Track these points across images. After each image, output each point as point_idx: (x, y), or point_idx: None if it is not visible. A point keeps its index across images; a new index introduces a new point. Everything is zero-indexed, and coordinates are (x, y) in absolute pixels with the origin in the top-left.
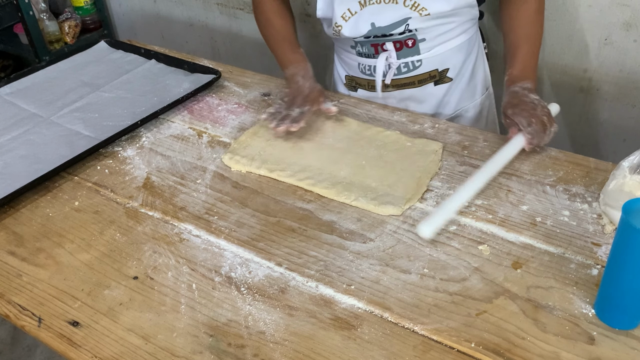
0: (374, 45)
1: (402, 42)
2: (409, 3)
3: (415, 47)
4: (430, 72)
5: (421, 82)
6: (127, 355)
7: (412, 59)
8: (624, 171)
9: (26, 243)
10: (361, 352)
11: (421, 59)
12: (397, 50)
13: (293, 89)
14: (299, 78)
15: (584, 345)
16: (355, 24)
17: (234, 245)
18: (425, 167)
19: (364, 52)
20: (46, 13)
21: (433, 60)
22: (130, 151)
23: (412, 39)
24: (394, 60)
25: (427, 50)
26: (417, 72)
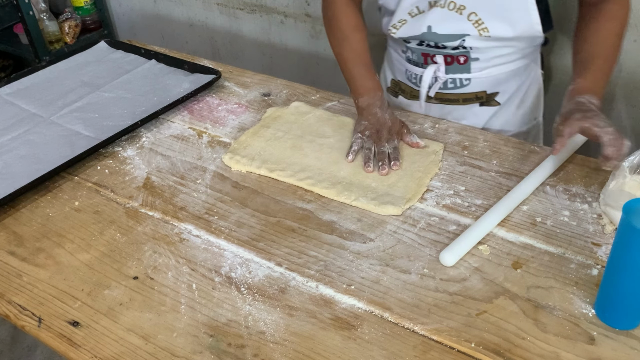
0: (424, 54)
1: (453, 57)
2: (472, 18)
3: (467, 65)
4: (477, 92)
5: (466, 101)
6: (127, 355)
7: (460, 76)
8: (624, 171)
9: (26, 243)
10: (361, 352)
11: (470, 78)
12: (447, 64)
13: (372, 121)
14: (377, 109)
15: (584, 345)
16: (415, 23)
17: (234, 245)
18: (425, 167)
19: (413, 60)
20: (46, 13)
21: (483, 82)
22: (130, 151)
23: (465, 56)
24: (442, 75)
25: (478, 70)
26: (463, 90)
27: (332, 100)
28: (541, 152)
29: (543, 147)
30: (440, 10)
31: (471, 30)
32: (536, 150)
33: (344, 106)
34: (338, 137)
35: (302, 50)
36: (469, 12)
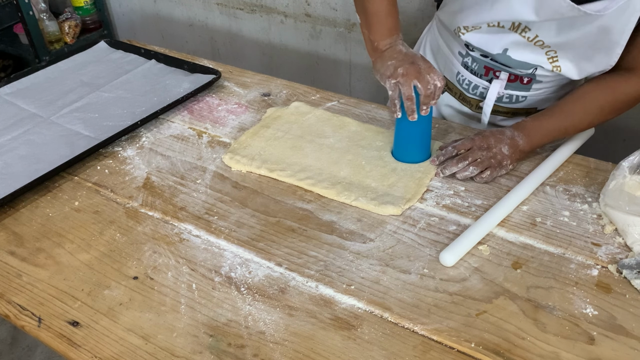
0: (487, 67)
1: (518, 76)
2: (550, 54)
3: (529, 85)
4: (528, 109)
5: (515, 114)
6: (127, 355)
7: (518, 94)
8: (624, 171)
9: (26, 243)
10: (361, 352)
11: (527, 96)
12: (510, 81)
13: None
14: (401, 47)
15: (583, 345)
16: (491, 39)
17: (234, 245)
18: (425, 167)
19: (472, 68)
20: (46, 13)
21: (537, 100)
22: (130, 151)
23: (530, 78)
24: (502, 90)
25: (536, 90)
26: (517, 105)
27: (332, 100)
28: (541, 152)
29: (543, 147)
30: (519, 38)
31: (546, 64)
32: (536, 150)
33: (344, 106)
34: (338, 137)
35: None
36: (549, 49)
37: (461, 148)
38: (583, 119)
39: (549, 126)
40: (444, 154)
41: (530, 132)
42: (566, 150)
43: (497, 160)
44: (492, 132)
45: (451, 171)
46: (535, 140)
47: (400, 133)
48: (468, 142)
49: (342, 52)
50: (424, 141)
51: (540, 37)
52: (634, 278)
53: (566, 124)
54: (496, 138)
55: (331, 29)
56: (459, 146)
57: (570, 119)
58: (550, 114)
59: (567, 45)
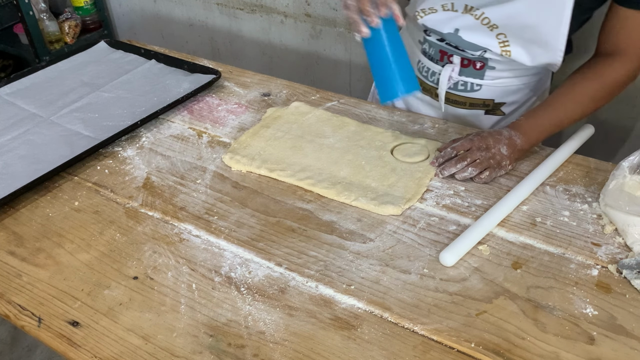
0: (442, 52)
1: (471, 61)
2: (501, 38)
3: (482, 71)
4: (485, 100)
5: (473, 106)
6: (127, 355)
7: (473, 81)
8: (624, 171)
9: (26, 243)
10: (361, 352)
11: (482, 85)
12: (463, 66)
13: None
14: None
15: (583, 345)
16: (446, 19)
17: (234, 245)
18: (425, 167)
19: (429, 54)
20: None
21: (493, 90)
22: (130, 151)
23: (482, 62)
24: (455, 75)
25: (491, 79)
26: (472, 94)
27: (332, 100)
28: (541, 152)
29: (543, 147)
30: (472, 19)
31: (495, 47)
32: (536, 150)
33: (344, 106)
34: (338, 137)
35: (302, 50)
36: (499, 32)
37: (460, 149)
38: (576, 110)
39: (544, 122)
40: (443, 155)
41: (527, 130)
42: (566, 150)
43: (496, 160)
44: (491, 133)
45: (450, 172)
46: (532, 138)
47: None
48: (467, 142)
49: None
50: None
51: (487, 14)
52: (634, 278)
53: (560, 117)
54: (495, 138)
55: (331, 29)
56: (458, 147)
57: (563, 112)
58: (543, 109)
59: (513, 27)
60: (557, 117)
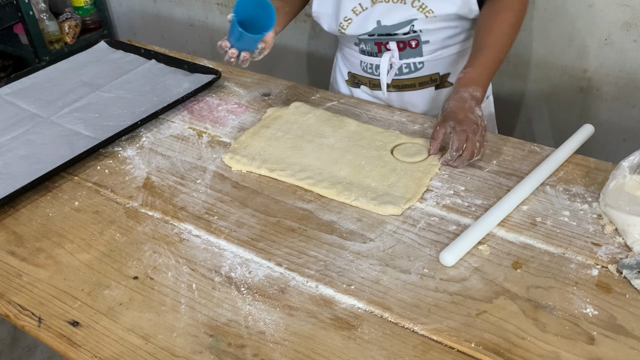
0: (377, 43)
1: (405, 42)
2: (416, 4)
3: (419, 48)
4: (431, 75)
5: (422, 84)
6: (127, 355)
7: (414, 61)
8: (624, 171)
9: (26, 243)
10: (361, 352)
11: (423, 61)
12: (401, 50)
13: None
14: None
15: (583, 345)
16: (363, 20)
17: (234, 245)
18: (425, 167)
19: (367, 50)
20: (46, 13)
21: (435, 64)
22: (130, 151)
23: (416, 40)
24: (397, 60)
25: (430, 53)
26: (418, 74)
27: (332, 100)
28: (541, 152)
29: (543, 147)
30: (385, 5)
31: (418, 14)
32: (536, 150)
33: (344, 106)
34: (338, 137)
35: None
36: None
37: (461, 146)
38: (503, 41)
39: (487, 64)
40: (451, 159)
41: (479, 80)
42: (566, 150)
43: (483, 126)
44: (460, 109)
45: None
46: (485, 84)
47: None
48: (462, 135)
49: None
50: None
51: None
52: (634, 278)
53: (496, 54)
54: (469, 110)
55: None
56: (458, 146)
57: (492, 48)
58: (476, 55)
59: None
60: (494, 55)
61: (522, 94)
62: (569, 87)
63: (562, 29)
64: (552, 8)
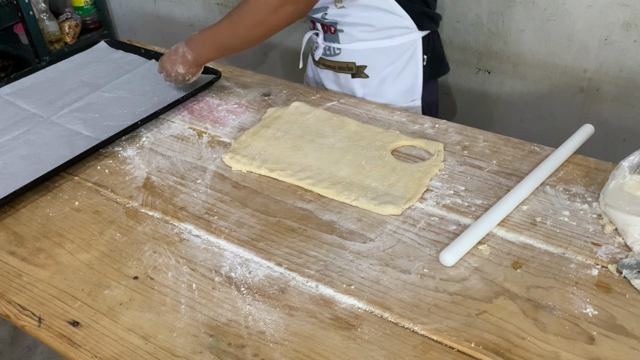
0: (312, 22)
1: (327, 26)
2: None
3: (335, 35)
4: (347, 62)
5: (340, 69)
6: (127, 355)
7: (333, 45)
8: (624, 171)
9: (26, 243)
10: (361, 352)
11: (340, 48)
12: (324, 32)
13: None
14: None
15: (583, 345)
16: None
17: (234, 245)
18: (425, 167)
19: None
20: (46, 13)
21: (351, 53)
22: (130, 151)
23: (333, 26)
24: (320, 41)
25: (346, 42)
26: (336, 58)
27: (332, 100)
28: (541, 152)
29: (543, 147)
30: None
31: (329, 2)
32: (536, 150)
33: (344, 106)
34: (338, 137)
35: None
36: None
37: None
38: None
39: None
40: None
41: (196, 47)
42: (566, 150)
43: (179, 80)
44: (168, 55)
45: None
46: (202, 55)
47: None
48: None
49: None
50: None
51: None
52: (634, 278)
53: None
54: (171, 60)
55: None
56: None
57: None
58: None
59: None
60: (221, 37)
61: (522, 94)
62: (569, 87)
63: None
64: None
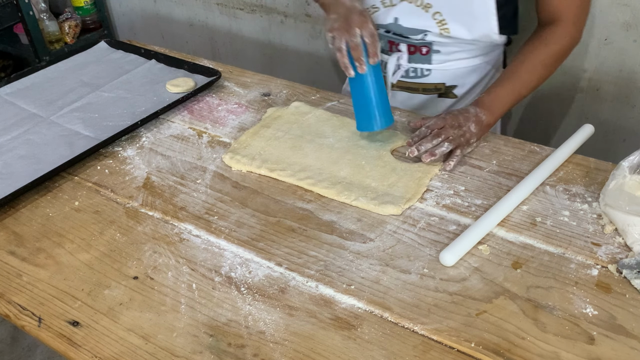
0: (390, 42)
1: (417, 47)
2: (437, 17)
3: (428, 56)
4: (437, 84)
5: (426, 91)
6: (127, 355)
7: (421, 66)
8: (624, 171)
9: (26, 243)
10: (361, 352)
11: (431, 69)
12: (411, 53)
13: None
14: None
15: (583, 345)
16: (386, 13)
17: (234, 245)
18: (425, 167)
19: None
20: (46, 13)
21: (443, 74)
22: (130, 151)
23: (427, 47)
24: (404, 63)
25: (438, 62)
26: (424, 80)
27: (332, 100)
28: (541, 152)
29: (543, 147)
30: (408, 5)
31: (434, 28)
32: (536, 150)
33: (344, 106)
34: (338, 137)
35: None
36: (434, 11)
37: (434, 127)
38: (531, 78)
39: (503, 94)
40: (418, 134)
41: (490, 105)
42: (566, 150)
43: (466, 138)
44: (460, 112)
45: (426, 148)
46: (496, 112)
47: (354, 98)
48: (440, 121)
49: None
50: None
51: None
52: (634, 278)
53: (517, 87)
54: (464, 117)
55: None
56: (432, 126)
57: (520, 81)
58: (500, 83)
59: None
60: (515, 88)
61: None
62: (569, 87)
63: None
64: None
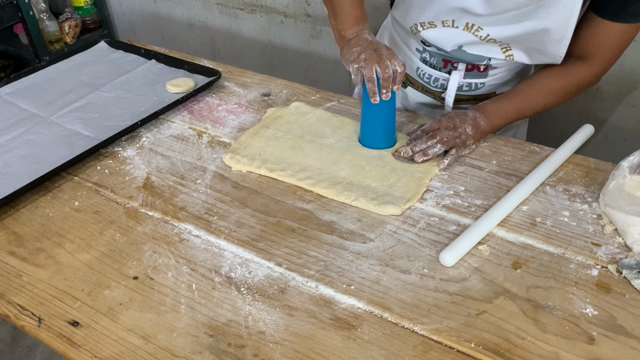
0: (445, 60)
1: (475, 65)
2: (503, 46)
3: (485, 72)
4: (488, 94)
5: (477, 100)
6: (127, 355)
7: (477, 81)
8: (624, 171)
9: (26, 243)
10: (361, 352)
11: (484, 82)
12: (467, 70)
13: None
14: (366, 36)
15: (583, 345)
16: (445, 36)
17: (234, 245)
18: (425, 168)
19: (430, 62)
20: (46, 13)
21: (496, 85)
22: (130, 151)
23: (487, 66)
24: (461, 80)
25: (493, 76)
26: (476, 92)
27: (332, 100)
28: (541, 152)
29: (543, 147)
30: (474, 37)
31: (498, 55)
32: (536, 150)
33: (344, 106)
34: (338, 137)
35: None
36: (502, 45)
37: (429, 130)
38: (538, 102)
39: (507, 109)
40: (414, 137)
41: (491, 114)
42: (566, 150)
43: (462, 140)
44: (457, 114)
45: (420, 148)
46: (495, 122)
47: (365, 118)
48: (435, 123)
49: None
50: (387, 127)
51: (492, 35)
52: (634, 278)
53: (523, 106)
54: (461, 119)
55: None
56: (426, 129)
57: (527, 102)
58: (508, 97)
59: (518, 39)
60: (519, 106)
61: None
62: None
63: None
64: None
